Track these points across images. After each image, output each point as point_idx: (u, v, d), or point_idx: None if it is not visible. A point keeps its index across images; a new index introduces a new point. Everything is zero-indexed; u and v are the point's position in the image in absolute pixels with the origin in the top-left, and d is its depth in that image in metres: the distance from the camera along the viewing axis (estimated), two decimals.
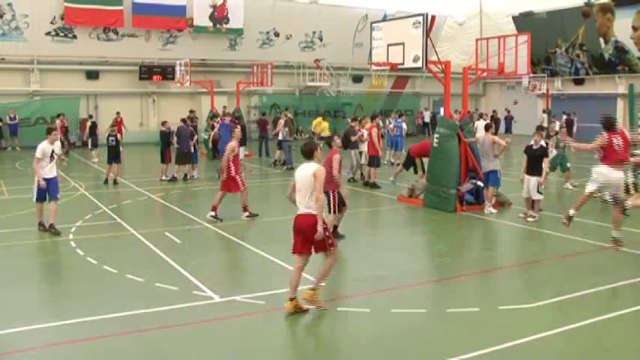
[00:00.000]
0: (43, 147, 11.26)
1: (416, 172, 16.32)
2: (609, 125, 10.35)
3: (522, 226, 12.25)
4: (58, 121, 24.62)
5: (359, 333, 6.82)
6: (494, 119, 33.20)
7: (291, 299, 7.31)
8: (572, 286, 8.35)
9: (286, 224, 12.65)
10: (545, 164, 12.58)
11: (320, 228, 7.23)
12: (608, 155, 10.14)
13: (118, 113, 27.49)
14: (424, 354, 6.35)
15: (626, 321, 7.22)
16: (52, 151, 11.34)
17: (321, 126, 24.06)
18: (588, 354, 6.44)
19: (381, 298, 7.95)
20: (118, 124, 24.68)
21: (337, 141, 11.23)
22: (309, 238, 7.35)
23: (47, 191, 11.29)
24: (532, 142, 12.69)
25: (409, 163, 16.60)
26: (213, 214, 12.59)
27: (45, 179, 11.20)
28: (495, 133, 14.16)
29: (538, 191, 12.48)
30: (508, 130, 36.44)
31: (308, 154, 7.61)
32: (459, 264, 9.80)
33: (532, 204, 12.69)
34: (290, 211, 13.74)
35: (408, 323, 7.14)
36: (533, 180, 12.48)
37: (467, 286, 8.66)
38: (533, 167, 12.51)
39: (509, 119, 37.11)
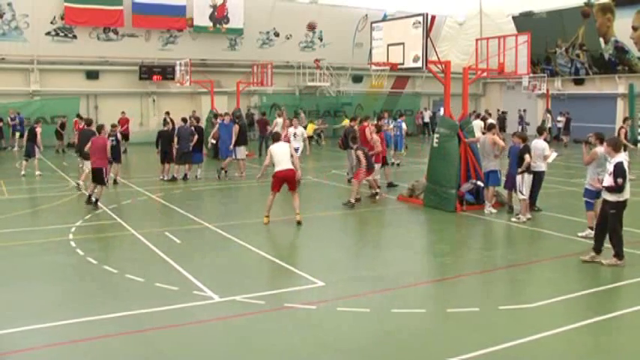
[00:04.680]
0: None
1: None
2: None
3: (522, 226, 12.25)
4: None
5: (359, 333, 6.82)
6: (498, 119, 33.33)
7: (267, 216, 12.47)
8: (571, 286, 8.36)
9: (286, 224, 12.76)
10: (526, 159, 12.35)
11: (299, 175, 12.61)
12: None
13: (123, 113, 27.16)
14: (424, 354, 6.35)
15: (626, 321, 7.22)
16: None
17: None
18: (588, 354, 6.44)
19: (381, 298, 7.95)
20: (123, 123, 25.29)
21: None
22: (290, 181, 12.32)
23: None
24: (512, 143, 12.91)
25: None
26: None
27: None
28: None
29: (519, 190, 12.47)
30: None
31: (278, 139, 12.89)
32: (459, 264, 9.80)
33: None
34: (289, 212, 13.75)
35: (408, 323, 7.14)
36: (517, 178, 12.51)
37: (467, 286, 8.67)
38: (518, 167, 12.51)
39: (521, 122, 36.76)
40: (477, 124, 19.80)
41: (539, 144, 13.09)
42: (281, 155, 12.35)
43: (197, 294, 7.96)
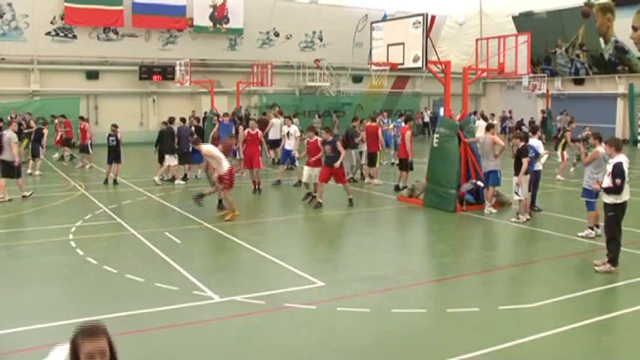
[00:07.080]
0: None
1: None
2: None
3: (522, 226, 12.24)
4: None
5: (359, 333, 6.82)
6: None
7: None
8: (571, 286, 8.36)
9: (286, 224, 12.76)
10: (524, 164, 12.20)
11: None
12: None
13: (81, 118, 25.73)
14: (424, 354, 6.35)
15: (626, 321, 7.22)
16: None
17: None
18: (588, 354, 6.44)
19: (381, 298, 7.95)
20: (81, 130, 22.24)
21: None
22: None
23: None
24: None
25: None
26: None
27: None
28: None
29: (515, 192, 12.44)
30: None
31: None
32: (459, 264, 9.80)
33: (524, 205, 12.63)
34: (289, 212, 13.76)
35: (408, 323, 7.14)
36: (514, 180, 12.48)
37: (467, 286, 8.66)
38: (515, 167, 12.46)
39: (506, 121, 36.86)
40: (481, 125, 19.87)
41: (533, 143, 13.09)
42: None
43: (197, 294, 7.96)
